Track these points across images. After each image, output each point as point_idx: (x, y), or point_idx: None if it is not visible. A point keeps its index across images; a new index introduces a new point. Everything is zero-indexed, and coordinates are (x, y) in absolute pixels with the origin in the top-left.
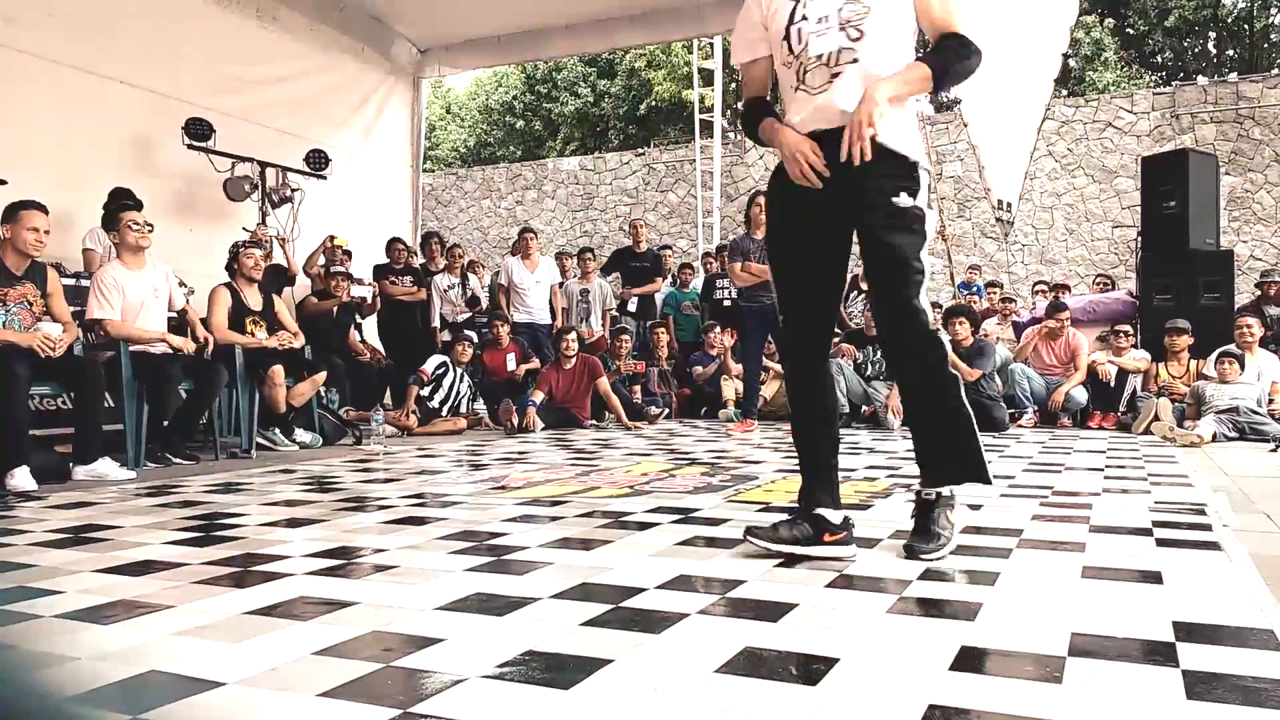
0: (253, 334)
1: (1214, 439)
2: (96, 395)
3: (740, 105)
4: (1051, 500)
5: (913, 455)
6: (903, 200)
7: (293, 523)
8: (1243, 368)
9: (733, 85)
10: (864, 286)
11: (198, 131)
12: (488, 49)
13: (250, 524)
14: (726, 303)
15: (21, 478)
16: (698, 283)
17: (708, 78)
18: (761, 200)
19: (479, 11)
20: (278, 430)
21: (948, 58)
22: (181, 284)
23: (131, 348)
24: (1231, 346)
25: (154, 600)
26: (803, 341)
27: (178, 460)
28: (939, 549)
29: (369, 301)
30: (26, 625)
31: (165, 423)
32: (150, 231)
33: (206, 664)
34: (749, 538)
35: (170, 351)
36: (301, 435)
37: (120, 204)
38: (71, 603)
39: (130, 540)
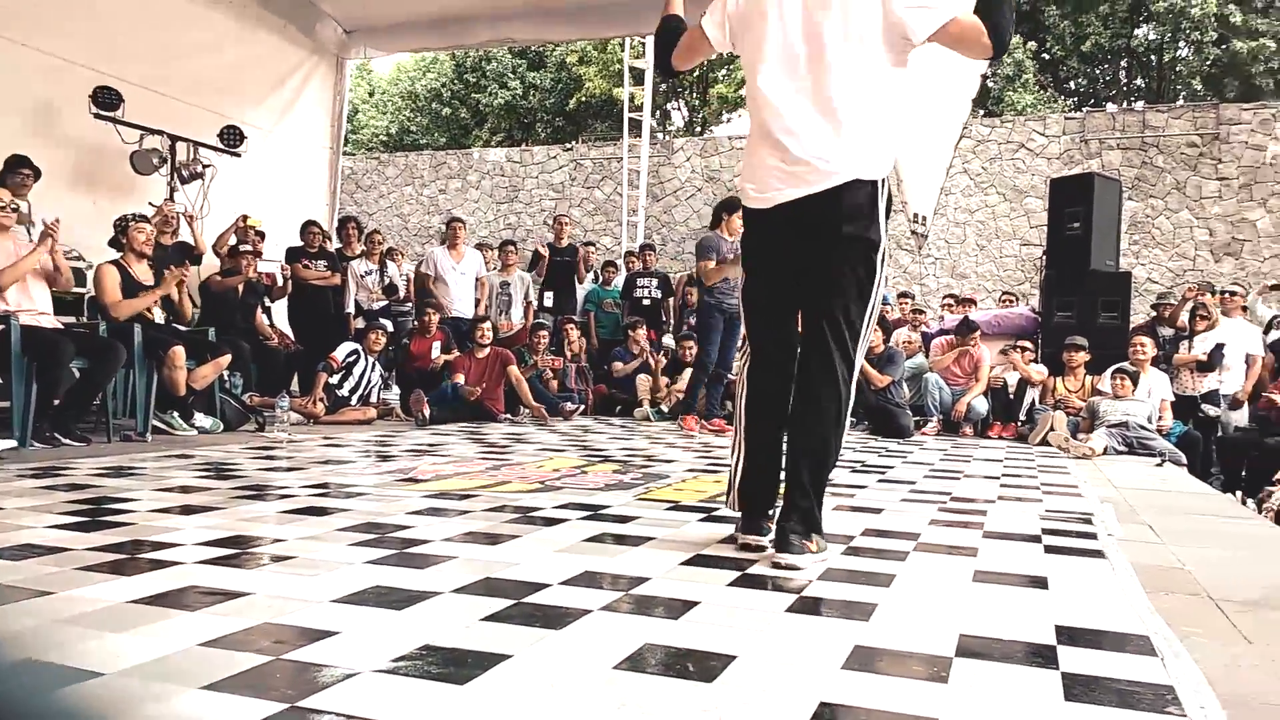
0: (148, 313)
1: (1105, 452)
2: None
3: None
4: (949, 506)
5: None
6: None
7: (186, 510)
8: (1135, 385)
9: (663, 87)
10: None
11: (105, 100)
12: (416, 32)
13: (141, 510)
14: (646, 301)
15: None
16: (619, 280)
17: (639, 77)
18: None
19: None
20: (176, 414)
21: None
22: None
23: (22, 321)
24: (1126, 364)
25: (33, 586)
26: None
27: (68, 441)
28: (800, 553)
29: (279, 284)
30: None
31: (56, 402)
32: (15, 211)
33: (86, 653)
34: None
35: (62, 327)
36: (201, 420)
37: (16, 172)
38: None
39: (11, 523)
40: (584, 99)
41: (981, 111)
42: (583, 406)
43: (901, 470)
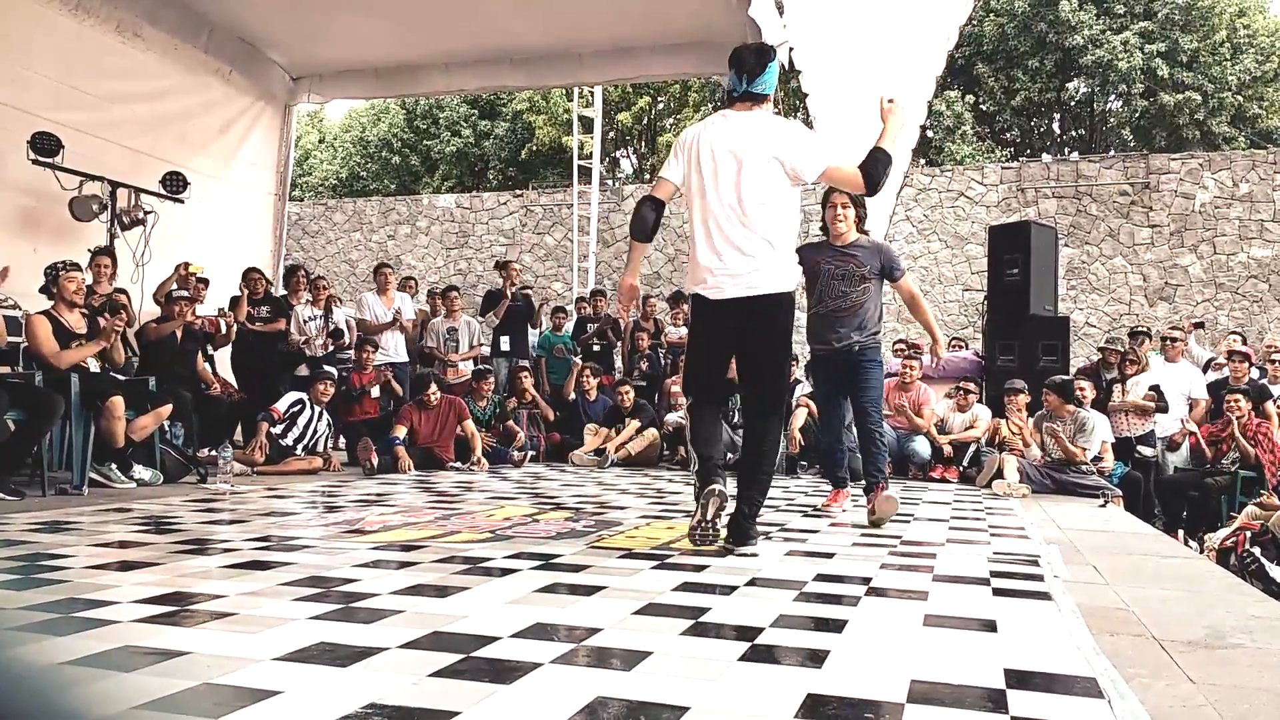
0: (83, 363)
1: (1021, 481)
2: None
3: None
4: (900, 550)
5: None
6: None
7: (124, 565)
8: (1065, 398)
9: (610, 134)
10: None
11: (44, 146)
12: (364, 81)
13: (76, 566)
14: (596, 347)
15: None
16: (570, 326)
17: (587, 125)
18: (836, 199)
19: (357, 43)
20: (114, 466)
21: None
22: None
23: None
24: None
25: None
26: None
27: (1, 496)
28: (753, 544)
29: (222, 331)
30: None
31: None
32: None
33: None
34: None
35: None
36: (140, 472)
37: None
38: None
39: None
40: (535, 147)
41: (923, 161)
42: (533, 453)
43: (853, 514)
